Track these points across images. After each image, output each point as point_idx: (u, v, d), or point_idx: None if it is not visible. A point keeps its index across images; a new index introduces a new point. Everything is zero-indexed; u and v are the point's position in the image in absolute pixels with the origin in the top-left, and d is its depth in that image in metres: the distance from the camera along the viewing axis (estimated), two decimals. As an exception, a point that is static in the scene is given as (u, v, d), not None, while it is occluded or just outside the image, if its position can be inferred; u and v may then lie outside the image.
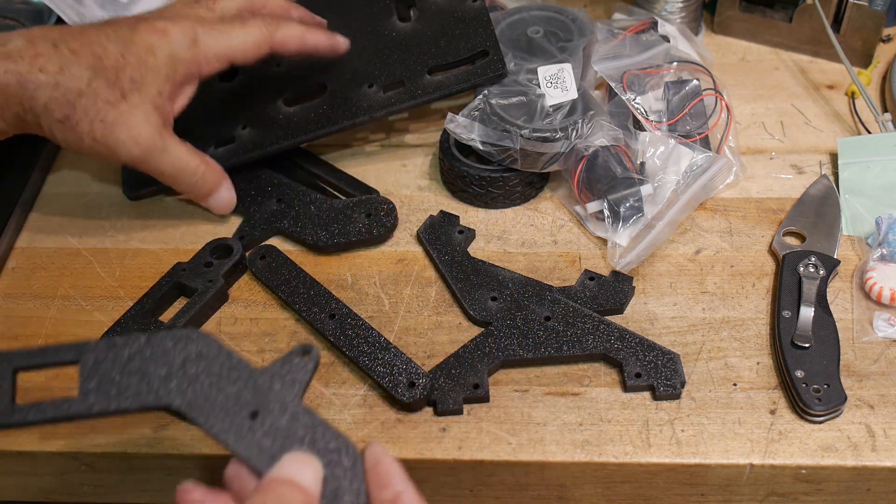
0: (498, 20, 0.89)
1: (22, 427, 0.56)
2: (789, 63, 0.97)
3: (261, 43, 0.77)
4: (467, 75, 0.82)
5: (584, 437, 0.67)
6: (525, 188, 0.82)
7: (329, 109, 0.84)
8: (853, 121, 0.90)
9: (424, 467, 0.67)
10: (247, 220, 0.81)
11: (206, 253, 0.78)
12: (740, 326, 0.73)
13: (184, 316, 0.73)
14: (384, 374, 0.69)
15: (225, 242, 0.78)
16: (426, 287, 0.77)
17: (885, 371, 0.70)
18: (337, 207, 0.81)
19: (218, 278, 0.76)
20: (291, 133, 0.83)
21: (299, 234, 0.79)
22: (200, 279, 0.76)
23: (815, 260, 0.74)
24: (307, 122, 0.83)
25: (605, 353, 0.70)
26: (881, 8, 0.90)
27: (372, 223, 0.79)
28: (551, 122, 0.79)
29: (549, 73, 0.82)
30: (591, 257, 0.79)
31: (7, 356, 0.56)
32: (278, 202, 0.82)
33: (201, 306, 0.74)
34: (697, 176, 0.79)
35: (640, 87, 0.83)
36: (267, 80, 0.87)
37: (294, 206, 0.81)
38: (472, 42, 0.84)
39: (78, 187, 0.86)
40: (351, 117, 0.83)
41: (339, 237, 0.79)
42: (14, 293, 0.78)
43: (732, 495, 0.68)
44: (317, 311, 0.74)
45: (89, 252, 0.81)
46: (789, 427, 0.67)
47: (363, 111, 0.83)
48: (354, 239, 0.79)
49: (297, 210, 0.81)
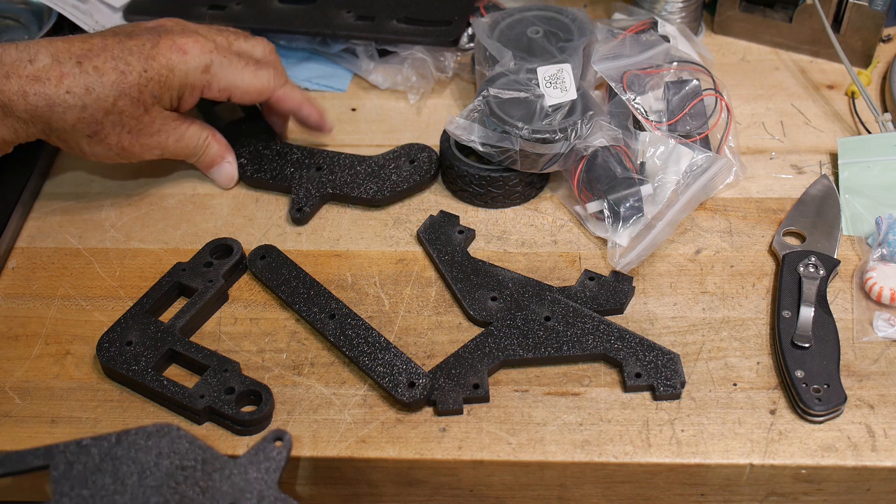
0: (498, 20, 0.89)
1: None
2: (789, 63, 0.97)
3: (263, 91, 0.82)
4: (423, 33, 0.92)
5: (584, 437, 0.67)
6: (525, 188, 0.82)
7: (309, 16, 0.95)
8: (853, 121, 0.90)
9: (424, 467, 0.67)
10: (296, 194, 0.83)
11: (206, 253, 0.78)
12: (740, 326, 0.73)
13: (184, 316, 0.73)
14: (384, 374, 0.69)
15: (225, 242, 0.78)
16: (426, 287, 0.77)
17: (885, 371, 0.70)
18: (378, 162, 0.85)
19: (218, 278, 0.76)
20: (274, 22, 0.95)
21: (352, 193, 0.83)
22: (200, 279, 0.76)
23: (815, 260, 0.74)
24: (289, 19, 0.95)
25: (605, 353, 0.70)
26: (881, 8, 0.90)
27: (415, 168, 0.84)
28: (551, 122, 0.79)
29: (548, 73, 0.82)
30: (591, 257, 0.79)
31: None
32: (318, 170, 0.85)
33: (201, 306, 0.74)
34: (697, 176, 0.79)
35: (640, 87, 0.83)
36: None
37: (335, 171, 0.84)
38: (446, 9, 0.94)
39: (78, 187, 0.86)
40: (321, 28, 0.94)
41: (392, 187, 0.82)
42: (14, 293, 0.78)
43: (732, 495, 0.68)
44: (317, 311, 0.74)
45: (89, 252, 0.81)
46: (789, 427, 0.67)
47: (331, 27, 0.94)
48: (406, 186, 0.83)
49: (340, 172, 0.84)
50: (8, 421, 0.69)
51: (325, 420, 0.69)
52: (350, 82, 0.96)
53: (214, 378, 0.69)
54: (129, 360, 0.70)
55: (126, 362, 0.70)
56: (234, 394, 0.68)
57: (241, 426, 0.67)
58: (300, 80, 0.95)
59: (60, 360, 0.73)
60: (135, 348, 0.71)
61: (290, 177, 0.84)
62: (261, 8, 0.96)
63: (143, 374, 0.70)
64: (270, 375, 0.71)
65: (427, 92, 0.93)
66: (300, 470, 0.67)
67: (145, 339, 0.72)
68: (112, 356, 0.71)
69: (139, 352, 0.71)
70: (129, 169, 0.87)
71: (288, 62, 0.97)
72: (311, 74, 0.96)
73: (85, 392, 0.71)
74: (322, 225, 0.82)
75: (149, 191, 0.86)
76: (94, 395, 0.71)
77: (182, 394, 0.68)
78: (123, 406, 0.70)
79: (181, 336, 0.72)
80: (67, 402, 0.70)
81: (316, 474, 0.68)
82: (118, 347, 0.71)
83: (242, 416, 0.67)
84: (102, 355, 0.71)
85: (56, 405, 0.70)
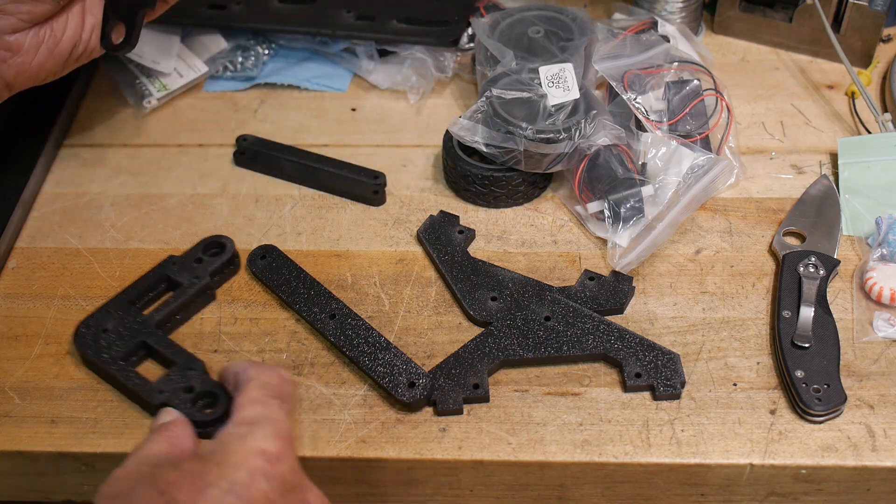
0: (498, 20, 0.89)
1: None
2: (789, 63, 0.97)
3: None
4: (423, 33, 0.92)
5: (584, 437, 0.67)
6: (528, 188, 0.82)
7: (309, 15, 0.95)
8: (853, 121, 0.90)
9: (424, 467, 0.67)
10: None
11: (199, 249, 0.78)
12: (740, 326, 0.73)
13: (163, 309, 0.73)
14: (384, 374, 0.69)
15: (219, 240, 0.78)
16: (426, 287, 0.77)
17: (885, 371, 0.70)
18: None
19: (205, 275, 0.75)
20: (274, 22, 0.95)
21: None
22: (188, 274, 0.75)
23: (815, 260, 0.74)
24: (289, 19, 0.95)
25: (605, 353, 0.70)
26: (881, 8, 0.90)
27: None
28: (554, 122, 0.79)
29: (550, 72, 0.82)
30: (591, 257, 0.79)
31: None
32: None
33: (183, 301, 0.74)
34: (699, 177, 0.79)
35: (640, 87, 0.83)
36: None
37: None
38: (446, 9, 0.93)
39: (78, 187, 0.86)
40: (321, 28, 0.94)
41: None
42: (14, 293, 0.78)
43: (732, 495, 0.68)
44: (317, 311, 0.74)
45: (89, 252, 0.81)
46: (789, 427, 0.67)
47: (331, 27, 0.94)
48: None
49: None
50: (8, 421, 0.69)
51: (325, 420, 0.69)
52: (350, 82, 0.96)
53: (178, 375, 0.69)
54: (102, 347, 0.70)
55: (98, 349, 0.70)
56: (192, 393, 0.67)
57: (199, 428, 0.66)
58: (300, 80, 0.95)
59: (60, 360, 0.73)
60: (109, 336, 0.71)
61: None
62: (261, 7, 0.96)
63: (110, 362, 0.69)
64: (270, 375, 0.71)
65: (427, 92, 0.93)
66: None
67: (121, 328, 0.71)
68: (86, 341, 0.70)
69: (112, 340, 0.71)
70: (129, 169, 0.87)
71: (288, 62, 0.97)
72: (311, 74, 0.96)
73: (85, 392, 0.71)
74: (322, 225, 0.82)
75: (149, 191, 0.86)
76: (94, 395, 0.71)
77: (143, 387, 0.68)
78: (123, 406, 0.70)
79: (156, 329, 0.72)
80: (67, 402, 0.70)
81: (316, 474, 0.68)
82: (94, 334, 0.71)
83: (195, 416, 0.66)
84: (78, 340, 0.71)
85: (56, 405, 0.70)
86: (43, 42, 0.73)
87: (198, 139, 0.91)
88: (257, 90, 0.95)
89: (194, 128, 0.92)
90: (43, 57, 0.74)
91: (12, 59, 0.72)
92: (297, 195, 0.85)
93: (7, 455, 0.68)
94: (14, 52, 0.72)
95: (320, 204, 0.84)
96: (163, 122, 0.92)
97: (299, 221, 0.83)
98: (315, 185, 0.85)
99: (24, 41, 0.72)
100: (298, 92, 0.95)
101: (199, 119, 0.92)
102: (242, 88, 0.95)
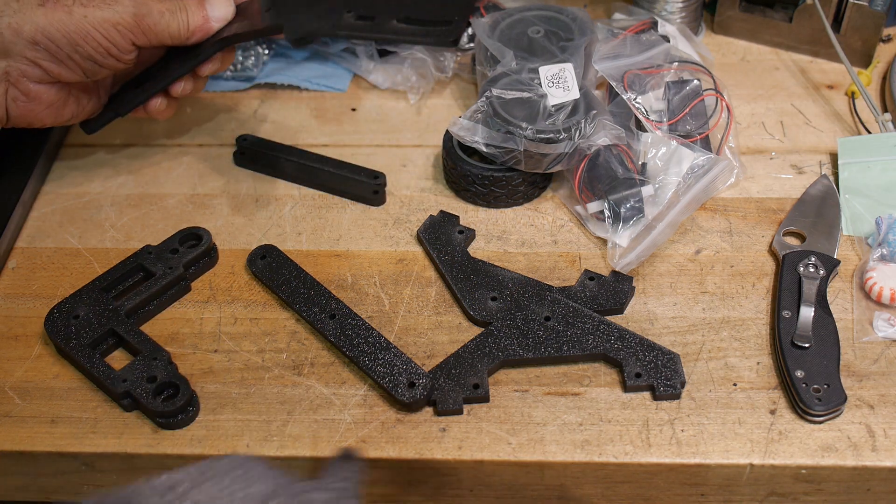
0: (498, 20, 0.89)
1: None
2: (789, 63, 0.97)
3: None
4: (423, 33, 0.89)
5: (584, 437, 0.67)
6: (528, 188, 0.82)
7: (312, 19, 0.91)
8: (853, 121, 0.90)
9: (424, 467, 0.67)
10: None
11: (175, 240, 0.78)
12: (740, 326, 0.73)
13: (133, 298, 0.73)
14: (384, 374, 0.69)
15: (196, 231, 0.78)
16: (426, 287, 0.77)
17: (885, 371, 0.70)
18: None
19: (178, 266, 0.75)
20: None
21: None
22: (161, 264, 0.75)
23: (815, 260, 0.74)
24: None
25: (605, 353, 0.70)
26: (881, 8, 0.90)
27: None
28: (554, 122, 0.79)
29: (550, 72, 0.82)
30: (591, 257, 0.79)
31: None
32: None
33: (154, 291, 0.74)
34: (699, 178, 0.79)
35: (640, 87, 0.83)
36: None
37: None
38: (446, 9, 0.90)
39: (78, 187, 0.86)
40: (325, 30, 0.91)
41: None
42: (14, 293, 0.78)
43: (732, 495, 0.68)
44: (317, 311, 0.74)
45: (89, 252, 0.81)
46: (789, 427, 0.67)
47: (333, 28, 0.90)
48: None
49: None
50: (8, 421, 0.69)
51: (325, 420, 0.69)
52: (350, 82, 0.96)
53: (142, 364, 0.69)
54: (71, 334, 0.70)
55: (66, 336, 0.70)
56: (154, 383, 0.67)
57: (159, 417, 0.66)
58: (300, 80, 0.95)
59: (60, 360, 0.73)
60: (80, 322, 0.71)
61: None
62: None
63: (78, 349, 0.69)
64: (270, 375, 0.71)
65: (427, 92, 0.94)
66: (300, 471, 0.67)
67: (91, 315, 0.71)
68: (56, 327, 0.70)
69: (82, 327, 0.71)
70: (129, 169, 0.87)
71: (288, 62, 0.97)
72: (311, 74, 0.96)
73: (85, 392, 0.71)
74: (322, 225, 0.82)
75: (149, 191, 0.86)
76: (94, 395, 0.71)
77: (107, 374, 0.68)
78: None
79: (126, 318, 0.72)
80: (67, 402, 0.70)
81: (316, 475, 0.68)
82: (65, 319, 0.71)
83: (156, 406, 0.66)
84: (48, 325, 0.71)
85: (56, 405, 0.70)
86: (56, 101, 0.77)
87: (198, 139, 0.91)
88: (257, 90, 0.96)
89: (194, 128, 0.92)
90: (49, 112, 0.77)
91: (25, 104, 0.76)
92: (297, 195, 0.85)
93: (7, 455, 0.68)
94: (30, 99, 0.75)
95: (320, 204, 0.84)
96: (163, 122, 0.92)
97: (299, 221, 0.83)
98: (315, 185, 0.85)
99: (42, 93, 0.76)
100: (298, 92, 0.95)
101: (199, 119, 0.93)
102: (242, 88, 0.95)
